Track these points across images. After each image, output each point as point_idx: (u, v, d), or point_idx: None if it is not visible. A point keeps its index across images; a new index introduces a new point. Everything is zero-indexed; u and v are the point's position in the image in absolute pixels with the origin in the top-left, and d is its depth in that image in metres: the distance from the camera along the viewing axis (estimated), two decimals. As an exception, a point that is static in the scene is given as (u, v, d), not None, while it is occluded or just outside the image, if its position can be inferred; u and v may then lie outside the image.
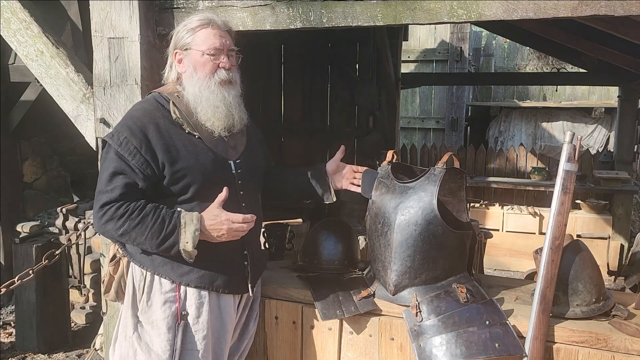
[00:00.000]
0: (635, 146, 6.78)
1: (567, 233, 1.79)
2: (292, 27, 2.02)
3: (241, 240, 1.88)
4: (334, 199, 2.12)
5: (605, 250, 5.09)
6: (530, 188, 5.97)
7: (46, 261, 2.98)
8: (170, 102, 1.82)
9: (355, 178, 2.12)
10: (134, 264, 1.84)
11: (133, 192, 1.72)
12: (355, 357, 2.00)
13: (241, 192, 1.87)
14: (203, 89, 1.79)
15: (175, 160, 1.75)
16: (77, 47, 4.34)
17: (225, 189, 1.77)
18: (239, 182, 1.88)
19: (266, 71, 5.68)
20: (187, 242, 1.70)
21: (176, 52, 1.85)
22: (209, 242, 1.76)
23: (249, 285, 1.92)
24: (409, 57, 9.02)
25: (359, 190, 2.10)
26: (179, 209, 1.75)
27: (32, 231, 3.86)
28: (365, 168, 2.13)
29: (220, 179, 1.82)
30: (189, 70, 1.82)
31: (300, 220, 1.96)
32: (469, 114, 9.47)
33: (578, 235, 5.19)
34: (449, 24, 8.07)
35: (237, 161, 1.89)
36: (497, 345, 1.69)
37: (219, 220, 1.73)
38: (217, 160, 1.83)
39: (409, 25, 6.78)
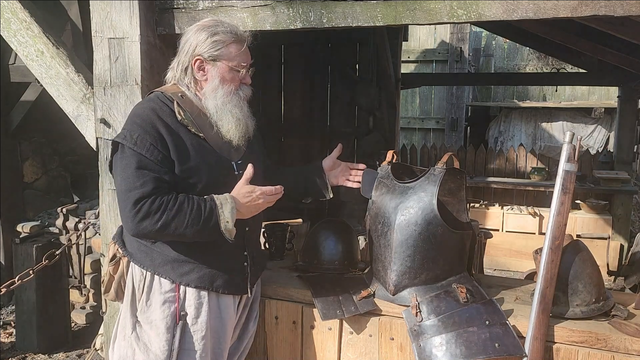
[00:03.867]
0: (635, 146, 6.78)
1: (567, 233, 1.79)
2: (292, 27, 2.02)
3: (242, 241, 1.88)
4: (331, 195, 2.14)
5: (605, 250, 5.09)
6: (530, 188, 5.97)
7: (46, 261, 2.99)
8: (175, 102, 1.81)
9: (351, 175, 2.13)
10: (134, 263, 1.84)
11: (163, 186, 1.70)
12: (355, 357, 2.00)
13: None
14: (226, 103, 1.82)
15: (184, 159, 1.75)
16: (78, 47, 4.34)
17: (250, 166, 1.79)
18: (241, 182, 1.88)
19: (266, 71, 5.68)
20: (227, 221, 1.72)
21: (197, 59, 1.81)
22: (209, 243, 1.77)
23: (249, 286, 1.92)
24: (409, 57, 9.02)
25: (355, 186, 2.12)
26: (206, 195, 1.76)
27: (32, 231, 3.86)
28: (362, 165, 2.14)
29: (223, 180, 1.82)
30: (215, 82, 1.81)
31: (300, 220, 1.96)
32: (469, 114, 9.48)
33: (578, 235, 5.20)
34: (448, 24, 8.07)
35: (239, 162, 1.90)
36: (497, 345, 1.69)
37: (254, 196, 1.78)
38: (221, 161, 1.84)
39: (409, 26, 6.80)
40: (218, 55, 1.80)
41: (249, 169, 1.79)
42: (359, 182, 2.12)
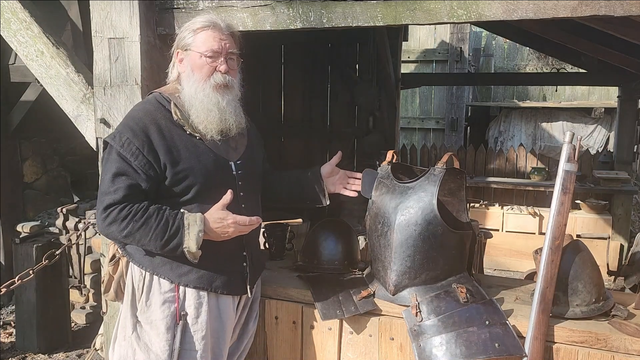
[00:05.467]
0: (635, 146, 6.78)
1: (567, 233, 1.79)
2: (292, 27, 2.02)
3: (241, 241, 1.88)
4: (327, 203, 2.13)
5: (605, 250, 5.09)
6: (530, 188, 5.97)
7: (46, 261, 2.99)
8: (172, 102, 1.82)
9: (348, 183, 2.12)
10: (133, 264, 1.84)
11: (136, 193, 1.72)
12: (355, 357, 2.00)
13: (241, 194, 1.87)
14: (198, 91, 1.79)
15: (177, 161, 1.75)
16: (78, 47, 4.34)
17: (229, 192, 1.77)
18: (240, 183, 1.88)
19: (266, 71, 5.69)
20: (191, 243, 1.71)
21: (177, 52, 1.86)
22: (209, 243, 1.77)
23: (248, 287, 1.92)
24: (409, 57, 9.02)
25: (351, 194, 2.10)
26: (182, 210, 1.75)
27: (32, 231, 3.86)
28: (359, 174, 2.13)
29: (221, 180, 1.82)
30: (187, 70, 1.83)
31: (300, 220, 1.96)
32: (469, 114, 9.47)
33: (578, 235, 5.19)
34: (448, 24, 8.07)
35: (238, 162, 1.89)
36: (497, 345, 1.69)
37: (226, 223, 1.75)
38: (218, 161, 1.84)
39: (409, 26, 6.79)
40: (189, 43, 1.82)
41: (228, 195, 1.77)
42: (356, 190, 2.11)
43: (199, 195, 1.79)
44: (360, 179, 2.12)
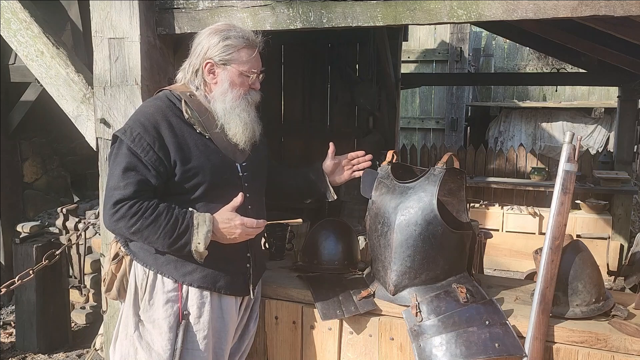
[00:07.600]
0: (635, 146, 6.78)
1: (567, 233, 1.79)
2: (292, 27, 2.03)
3: (245, 242, 1.88)
4: (335, 197, 2.14)
5: (605, 251, 5.09)
6: (530, 188, 5.98)
7: (46, 261, 2.99)
8: (182, 101, 1.82)
9: (354, 165, 2.13)
10: (137, 262, 1.84)
11: (145, 189, 1.72)
12: (355, 357, 2.00)
13: (247, 195, 1.88)
14: (234, 107, 1.82)
15: (187, 159, 1.76)
16: (78, 48, 4.34)
17: (240, 195, 1.79)
18: (245, 184, 1.89)
19: (266, 71, 5.68)
20: (199, 242, 1.71)
21: (208, 62, 1.82)
22: (215, 243, 1.77)
23: (250, 287, 1.93)
24: (409, 57, 9.02)
25: (359, 174, 2.10)
26: (190, 209, 1.76)
27: (32, 231, 3.86)
28: (361, 152, 2.13)
29: (227, 181, 1.83)
30: (224, 85, 1.82)
31: (300, 220, 1.96)
32: (469, 114, 9.48)
33: (578, 235, 5.19)
34: (448, 24, 8.07)
35: (243, 164, 1.90)
36: (497, 345, 1.69)
37: (233, 224, 1.76)
38: (226, 162, 1.85)
39: (409, 26, 6.79)
40: (229, 59, 1.81)
41: (238, 197, 1.78)
42: (365, 168, 2.12)
43: (206, 194, 1.80)
44: (361, 156, 2.13)
